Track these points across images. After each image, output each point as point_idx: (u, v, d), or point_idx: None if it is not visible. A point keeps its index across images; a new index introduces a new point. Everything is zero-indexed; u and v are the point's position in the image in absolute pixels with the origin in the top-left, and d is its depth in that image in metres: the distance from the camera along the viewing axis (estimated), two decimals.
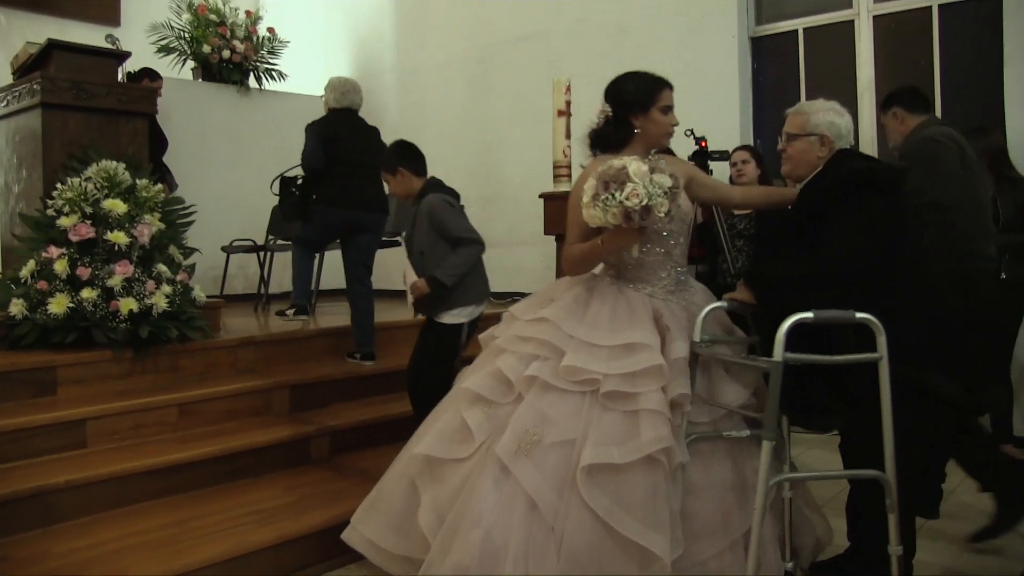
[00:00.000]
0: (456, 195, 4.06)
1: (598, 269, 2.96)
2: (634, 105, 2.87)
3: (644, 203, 2.47)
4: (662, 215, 2.52)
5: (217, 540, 3.11)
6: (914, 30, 5.55)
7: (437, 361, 3.83)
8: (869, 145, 5.54)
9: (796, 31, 6.02)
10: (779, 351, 2.28)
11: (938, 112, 5.39)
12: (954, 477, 4.53)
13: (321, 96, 5.28)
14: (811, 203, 2.71)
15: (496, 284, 7.08)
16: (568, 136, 4.33)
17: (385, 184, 4.18)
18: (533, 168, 5.97)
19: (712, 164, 4.42)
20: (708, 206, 3.94)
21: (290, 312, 5.17)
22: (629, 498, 2.44)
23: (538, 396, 2.64)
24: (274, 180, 5.58)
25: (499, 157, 7.36)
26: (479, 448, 2.65)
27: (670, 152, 3.50)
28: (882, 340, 2.32)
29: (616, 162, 2.55)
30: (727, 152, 4.54)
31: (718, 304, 2.71)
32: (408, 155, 4.08)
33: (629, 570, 2.40)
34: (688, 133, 4.91)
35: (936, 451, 3.43)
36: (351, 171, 4.84)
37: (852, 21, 5.77)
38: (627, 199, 2.47)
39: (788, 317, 2.30)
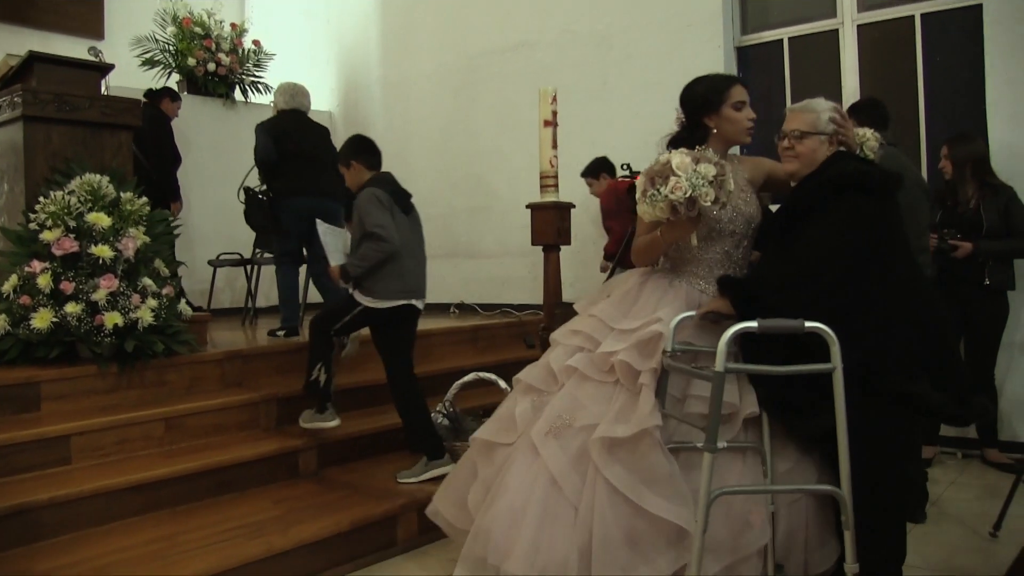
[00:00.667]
0: (401, 194, 4.14)
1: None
2: (705, 106, 2.87)
3: (688, 194, 2.51)
4: (708, 204, 2.54)
5: (204, 555, 3.08)
6: (898, 39, 5.58)
7: (330, 315, 4.08)
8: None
9: (781, 40, 6.04)
10: (720, 361, 2.24)
11: (921, 120, 5.44)
12: (948, 474, 4.56)
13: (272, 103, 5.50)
14: (800, 201, 2.69)
15: (484, 295, 7.18)
16: (555, 146, 4.32)
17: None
18: (520, 179, 5.97)
19: None
20: None
21: (281, 333, 5.23)
22: (648, 474, 2.48)
23: (576, 385, 2.74)
24: (239, 188, 5.59)
25: (486, 168, 7.35)
26: (522, 433, 2.76)
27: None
28: (835, 350, 2.27)
29: (662, 157, 2.61)
30: None
31: (688, 315, 2.67)
32: (362, 149, 4.24)
33: (659, 547, 2.44)
34: (624, 167, 4.94)
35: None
36: (304, 163, 5.00)
37: (837, 30, 5.79)
38: (671, 192, 2.52)
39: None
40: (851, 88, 5.68)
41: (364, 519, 3.52)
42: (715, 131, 2.86)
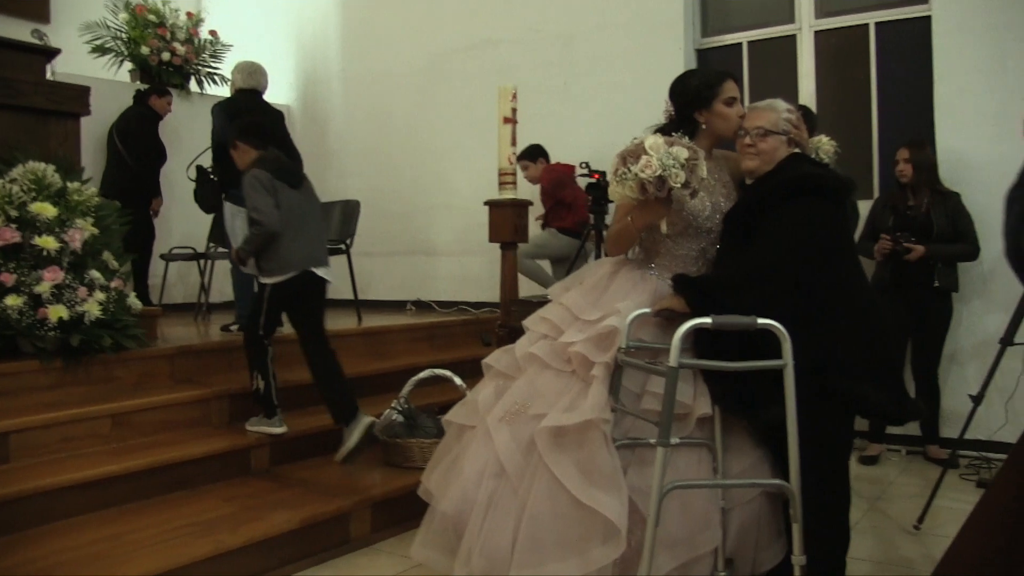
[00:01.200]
0: (287, 170, 4.16)
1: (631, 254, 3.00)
2: (697, 100, 2.86)
3: (658, 173, 2.50)
4: (678, 186, 2.53)
5: (151, 554, 3.01)
6: (853, 46, 5.66)
7: (252, 315, 4.08)
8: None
9: (740, 44, 6.09)
10: (674, 356, 2.26)
11: (874, 125, 5.53)
12: (891, 470, 4.65)
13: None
14: (756, 202, 2.69)
15: (441, 293, 7.14)
16: (514, 144, 4.32)
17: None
18: (480, 177, 5.96)
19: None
20: None
21: (234, 328, 5.16)
22: (590, 467, 2.48)
23: (536, 373, 2.76)
24: (189, 166, 5.51)
25: (446, 166, 7.32)
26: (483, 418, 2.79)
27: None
28: (787, 347, 2.30)
29: (636, 139, 2.61)
30: None
31: (642, 312, 2.67)
32: (246, 129, 4.29)
33: (593, 541, 2.43)
34: (583, 166, 4.97)
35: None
36: None
37: (794, 35, 5.86)
38: (641, 171, 2.51)
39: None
40: (807, 92, 5.75)
41: (317, 516, 3.48)
42: (704, 127, 2.86)
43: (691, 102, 2.87)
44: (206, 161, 5.53)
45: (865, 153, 5.56)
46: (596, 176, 4.95)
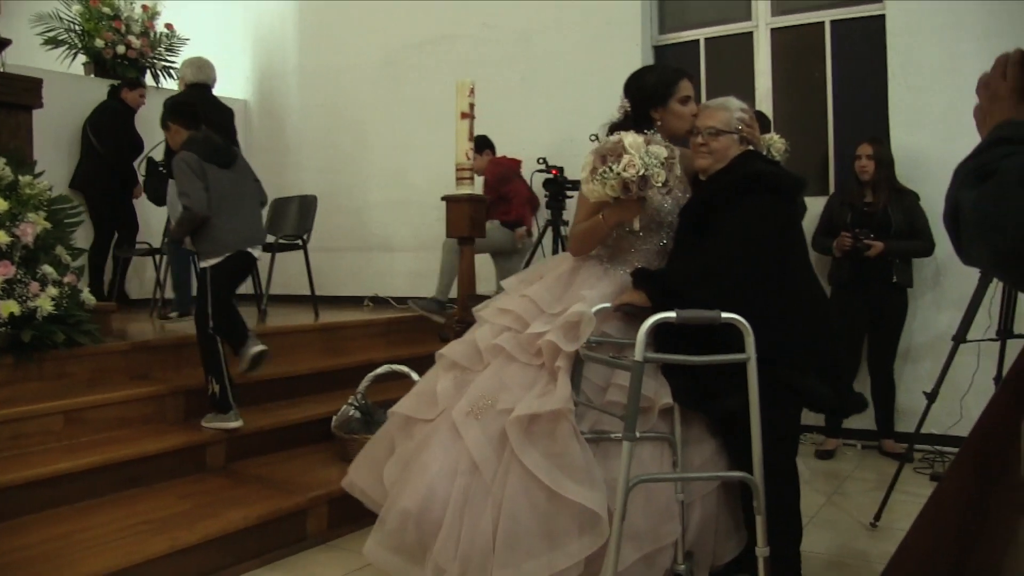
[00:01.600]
0: (217, 150, 4.16)
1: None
2: (654, 98, 2.90)
3: (641, 173, 2.52)
4: (659, 185, 2.58)
5: (104, 552, 2.99)
6: (809, 43, 5.72)
7: (200, 306, 4.05)
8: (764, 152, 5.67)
9: (698, 41, 6.13)
10: (639, 351, 2.27)
11: (830, 122, 5.59)
12: (847, 465, 4.72)
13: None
14: (713, 198, 2.73)
15: (398, 289, 7.12)
16: (471, 139, 4.31)
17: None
18: (438, 172, 5.95)
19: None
20: None
21: (173, 315, 5.15)
22: (564, 460, 2.49)
23: (502, 366, 2.76)
24: (140, 160, 5.46)
25: (404, 161, 7.29)
26: (444, 411, 2.76)
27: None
28: (750, 340, 2.33)
29: (613, 137, 2.62)
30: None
31: (603, 306, 2.70)
32: (177, 110, 4.38)
33: (572, 533, 2.45)
34: (541, 161, 5.00)
35: None
36: None
37: (751, 33, 5.91)
38: (624, 170, 2.53)
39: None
40: (764, 89, 5.81)
41: (273, 513, 3.46)
42: (659, 124, 2.89)
43: (648, 99, 2.91)
44: (159, 155, 5.49)
45: (821, 149, 5.64)
46: (555, 172, 4.99)
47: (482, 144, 6.00)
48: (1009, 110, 1.32)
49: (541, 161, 5.03)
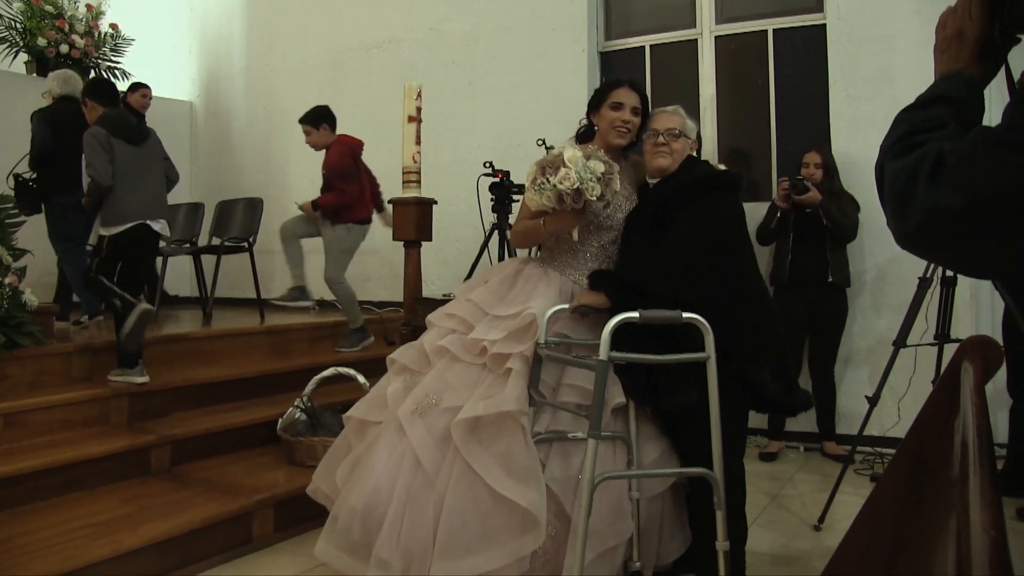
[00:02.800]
0: (127, 127, 4.44)
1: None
2: (591, 104, 3.07)
3: (575, 186, 2.62)
4: (594, 199, 2.66)
5: (45, 556, 2.95)
6: (752, 51, 5.83)
7: (92, 261, 4.38)
8: (710, 157, 5.77)
9: (643, 47, 6.21)
10: (604, 350, 2.32)
11: (772, 128, 5.71)
12: (790, 467, 4.82)
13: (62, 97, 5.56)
14: (672, 198, 2.80)
15: (368, 292, 7.09)
16: (418, 142, 4.33)
17: None
18: (384, 176, 5.95)
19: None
20: None
21: (84, 318, 5.26)
22: (507, 459, 2.54)
23: (446, 366, 2.83)
24: (8, 175, 5.40)
25: None
26: (392, 412, 2.81)
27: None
28: (710, 339, 2.40)
29: (556, 149, 2.73)
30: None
31: (560, 308, 2.76)
32: (94, 88, 4.67)
33: (512, 532, 2.50)
34: (487, 165, 5.05)
35: None
36: (76, 156, 4.90)
37: (696, 40, 6.00)
38: (560, 182, 2.63)
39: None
40: (708, 96, 5.90)
41: (218, 516, 3.45)
42: (597, 128, 3.02)
43: (590, 104, 3.08)
44: (25, 167, 5.46)
45: (764, 155, 5.75)
46: (500, 176, 5.03)
47: (318, 117, 5.70)
48: (964, 60, 1.24)
49: (488, 165, 5.06)
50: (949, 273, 3.95)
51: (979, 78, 1.24)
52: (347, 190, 5.44)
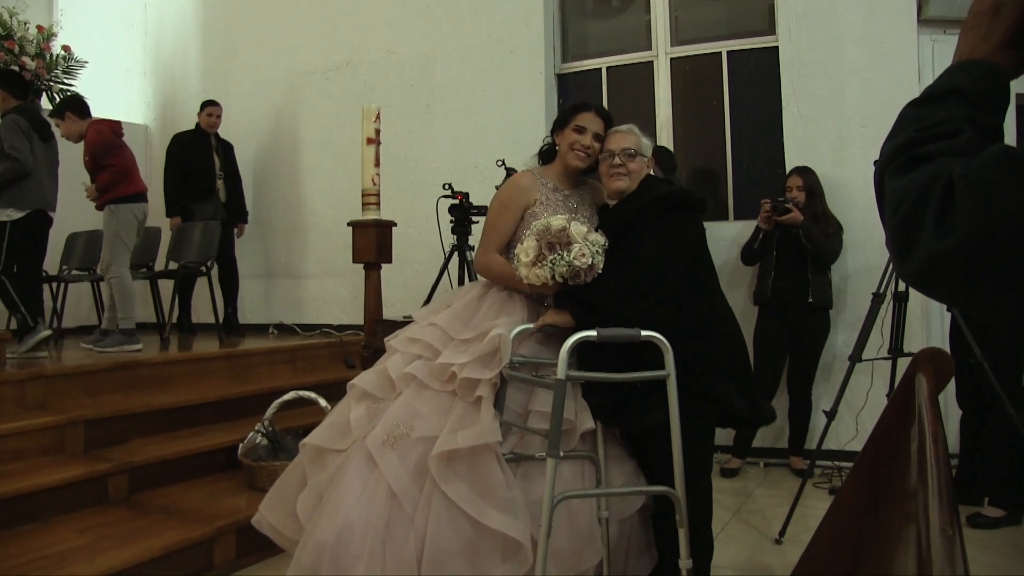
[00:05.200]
0: (41, 123, 4.94)
1: None
2: (556, 122, 3.06)
3: (589, 262, 2.60)
4: (599, 270, 2.65)
5: None
6: (707, 73, 5.93)
7: None
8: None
9: (600, 69, 6.28)
10: (562, 369, 2.33)
11: (727, 149, 5.80)
12: (751, 482, 4.86)
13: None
14: (631, 220, 2.80)
15: (305, 316, 7.08)
16: (377, 164, 4.34)
17: None
18: (342, 198, 5.94)
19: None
20: None
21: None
22: (486, 488, 2.51)
23: (414, 393, 2.75)
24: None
25: (308, 187, 7.26)
26: (356, 440, 2.73)
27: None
28: (669, 357, 2.42)
29: (553, 223, 2.64)
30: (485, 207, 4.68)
31: (525, 327, 2.76)
32: (6, 80, 5.10)
33: (495, 561, 2.47)
34: (446, 187, 5.08)
35: None
36: None
37: (651, 62, 6.09)
38: (575, 259, 2.59)
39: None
40: (664, 117, 5.98)
41: (178, 544, 3.39)
42: (559, 148, 3.02)
43: (554, 125, 3.08)
44: None
45: (719, 175, 5.83)
46: (460, 197, 5.04)
47: (63, 106, 5.49)
48: (994, 42, 1.03)
49: (447, 187, 5.07)
50: (901, 288, 4.04)
51: (1006, 68, 1.02)
52: (115, 163, 5.39)
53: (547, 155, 3.13)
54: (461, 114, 6.51)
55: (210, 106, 6.87)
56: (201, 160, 6.82)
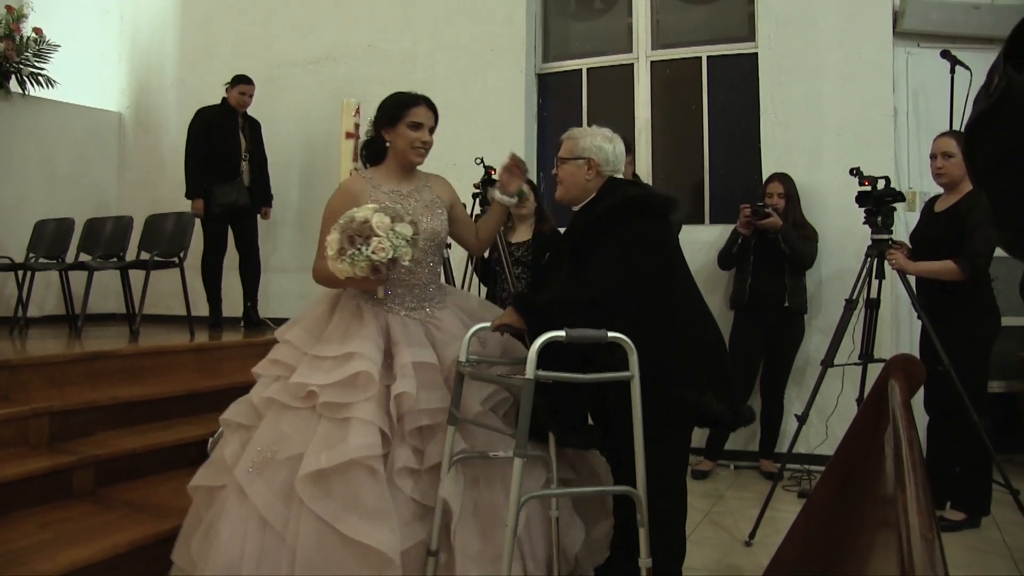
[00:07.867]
0: None
1: None
2: (384, 119, 3.01)
3: (390, 256, 2.56)
4: (407, 263, 2.64)
5: None
6: (687, 77, 5.96)
7: None
8: (646, 179, 5.85)
9: (580, 70, 6.30)
10: (531, 369, 2.32)
11: (705, 152, 5.82)
12: (721, 484, 4.89)
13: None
14: (587, 228, 2.78)
15: (278, 310, 7.01)
16: (356, 159, 4.31)
17: None
18: (318, 192, 5.89)
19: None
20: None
21: None
22: (354, 502, 2.49)
23: (277, 415, 2.72)
24: None
25: (283, 180, 7.16)
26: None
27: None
28: (634, 359, 2.41)
29: (358, 214, 2.60)
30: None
31: (483, 326, 2.73)
32: None
33: (362, 572, 2.44)
34: (478, 161, 5.05)
35: None
36: None
37: (632, 64, 6.11)
38: (374, 253, 2.55)
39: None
40: (643, 119, 5.99)
41: (146, 539, 3.32)
42: (389, 145, 2.99)
43: (381, 120, 3.05)
44: None
45: (697, 178, 5.85)
46: (493, 172, 4.93)
47: None
48: None
49: None
50: (873, 295, 4.08)
51: None
52: None
53: (376, 156, 3.07)
54: (441, 111, 6.43)
55: (243, 83, 6.42)
56: (226, 139, 6.40)
